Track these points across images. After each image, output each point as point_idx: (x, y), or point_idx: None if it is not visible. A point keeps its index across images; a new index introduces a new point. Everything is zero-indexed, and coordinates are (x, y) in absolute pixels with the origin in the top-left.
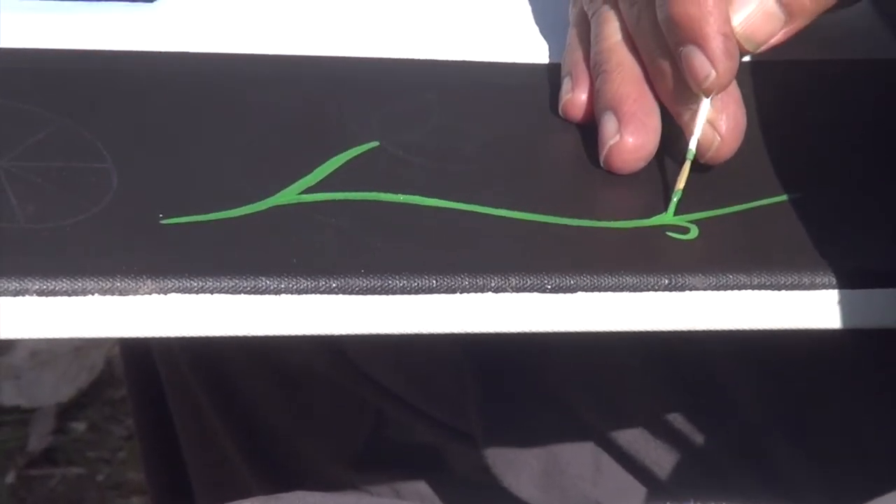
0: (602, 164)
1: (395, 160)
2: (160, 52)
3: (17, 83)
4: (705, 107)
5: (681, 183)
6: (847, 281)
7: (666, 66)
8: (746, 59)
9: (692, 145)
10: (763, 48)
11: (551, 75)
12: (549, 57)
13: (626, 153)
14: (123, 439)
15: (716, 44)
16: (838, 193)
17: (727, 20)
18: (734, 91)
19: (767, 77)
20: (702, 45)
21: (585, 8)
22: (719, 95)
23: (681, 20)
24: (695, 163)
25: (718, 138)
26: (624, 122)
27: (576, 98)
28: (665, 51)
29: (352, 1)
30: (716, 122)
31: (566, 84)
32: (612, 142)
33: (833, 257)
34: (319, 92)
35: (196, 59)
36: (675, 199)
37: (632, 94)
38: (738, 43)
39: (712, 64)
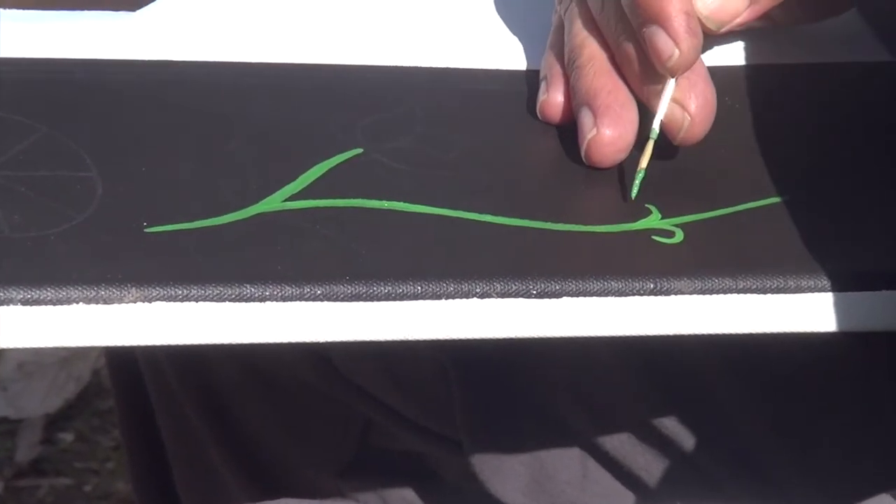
0: (583, 159)
1: (380, 167)
2: (143, 61)
3: (0, 92)
4: (670, 87)
5: (643, 162)
6: (833, 284)
7: (631, 49)
8: (733, 63)
9: (656, 125)
10: (726, 28)
11: (534, 81)
12: (533, 63)
13: (604, 146)
14: (111, 450)
15: (678, 22)
16: (824, 196)
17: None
18: (701, 69)
19: (753, 81)
20: (664, 25)
21: (558, 8)
22: (686, 74)
23: (642, 1)
24: (680, 166)
25: (688, 118)
26: (599, 114)
27: (551, 98)
28: (630, 35)
29: (334, 9)
30: (684, 101)
31: (542, 86)
32: (589, 136)
33: (819, 261)
34: (303, 99)
35: (179, 68)
36: (637, 179)
37: (606, 86)
38: (701, 23)
39: (675, 42)
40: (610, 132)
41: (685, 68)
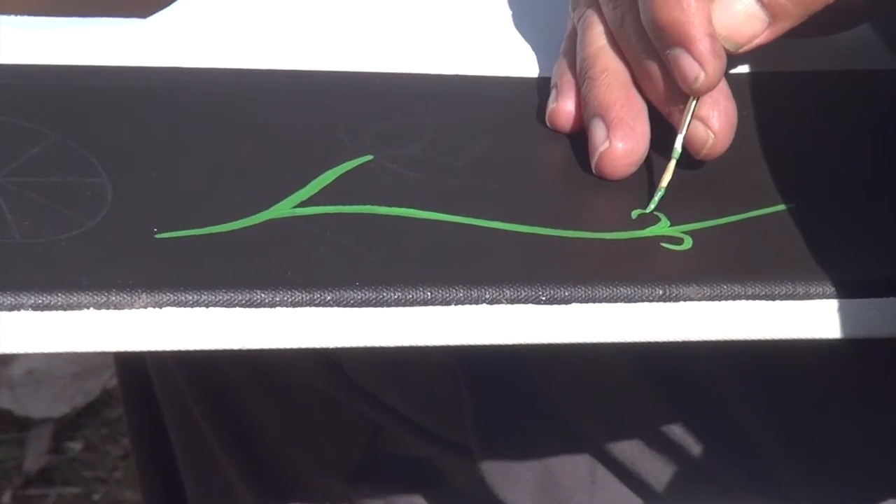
0: (594, 171)
1: (389, 173)
2: (154, 68)
3: (11, 99)
4: (694, 105)
5: (664, 181)
6: (841, 291)
7: (653, 67)
8: (741, 71)
9: (678, 144)
10: (745, 49)
11: (544, 88)
12: (544, 70)
13: (616, 159)
14: (119, 459)
15: (703, 45)
16: (832, 203)
17: (710, 21)
18: (723, 86)
19: (762, 88)
20: (688, 48)
21: (572, 16)
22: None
23: (665, 24)
24: (690, 170)
25: (712, 135)
26: (612, 127)
27: (561, 107)
28: (651, 53)
29: (345, 15)
30: (707, 119)
31: (552, 94)
32: (601, 148)
33: (827, 267)
34: (313, 106)
35: (190, 74)
36: (657, 197)
37: (619, 99)
38: None
39: (701, 65)
40: (622, 145)
41: (710, 89)
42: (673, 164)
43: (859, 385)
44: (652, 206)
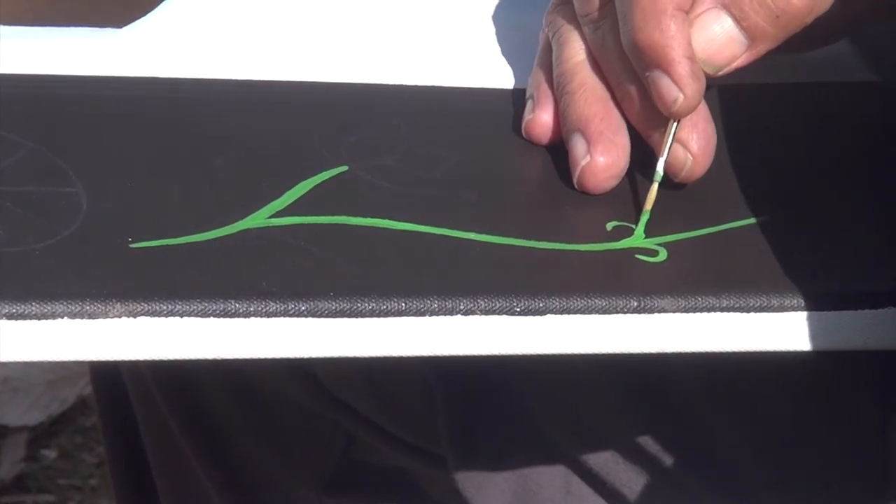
0: (575, 186)
1: (365, 184)
2: (129, 77)
3: None
4: (674, 129)
5: (648, 204)
6: (815, 303)
7: (633, 89)
8: (718, 83)
9: (660, 167)
10: (724, 71)
11: (519, 100)
12: (519, 82)
13: (598, 173)
14: (94, 466)
15: (681, 67)
16: (807, 216)
17: (690, 44)
18: (703, 109)
19: (735, 100)
20: (667, 70)
21: (547, 30)
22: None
23: (645, 46)
24: (666, 183)
25: (690, 158)
26: (593, 141)
27: (537, 118)
28: (631, 74)
29: (321, 27)
30: (686, 142)
31: (528, 105)
32: (583, 162)
33: (801, 280)
34: (288, 116)
35: (165, 84)
36: (643, 220)
37: (598, 113)
38: None
39: (679, 88)
40: (604, 159)
41: (689, 112)
42: (655, 187)
43: (833, 397)
44: (640, 231)
